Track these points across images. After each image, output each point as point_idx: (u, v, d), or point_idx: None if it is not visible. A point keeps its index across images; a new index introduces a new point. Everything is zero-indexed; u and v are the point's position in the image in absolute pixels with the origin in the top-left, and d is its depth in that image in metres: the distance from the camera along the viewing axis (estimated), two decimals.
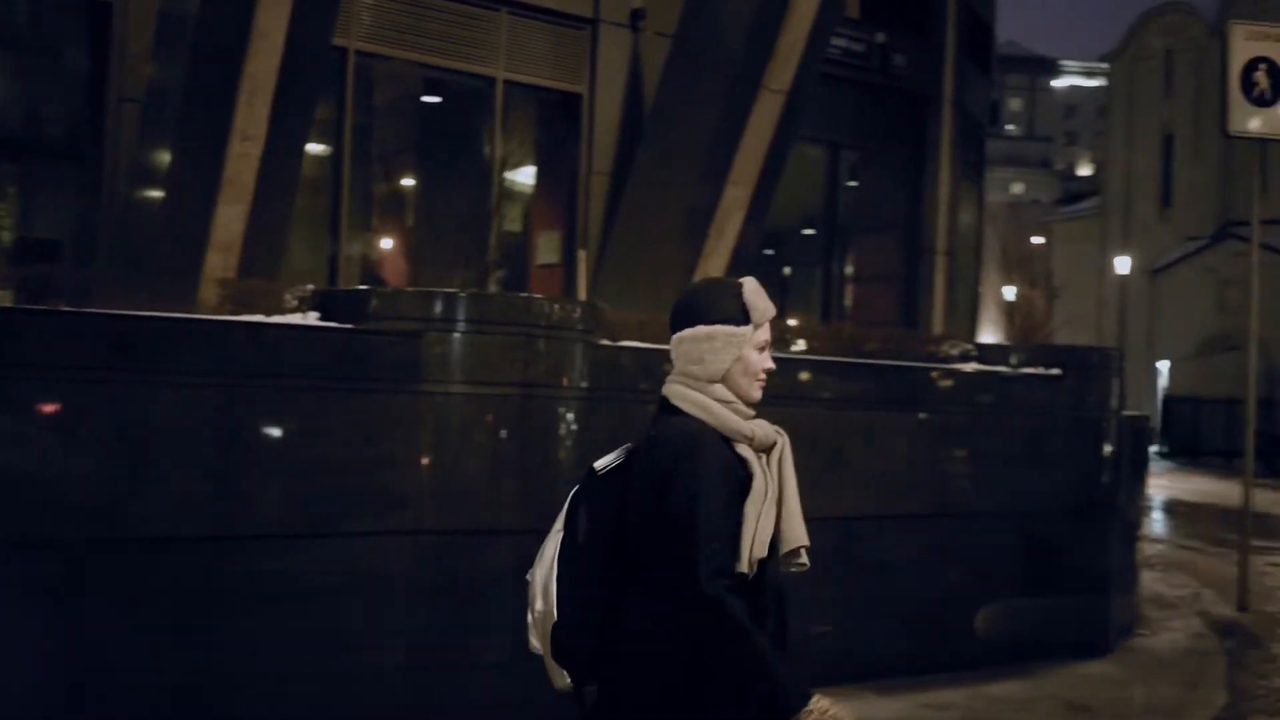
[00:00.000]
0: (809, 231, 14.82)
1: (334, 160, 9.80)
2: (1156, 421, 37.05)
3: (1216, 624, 9.62)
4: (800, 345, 7.42)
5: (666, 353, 6.49)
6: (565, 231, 11.20)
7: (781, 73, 9.76)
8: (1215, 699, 7.19)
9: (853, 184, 14.77)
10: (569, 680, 2.72)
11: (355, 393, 5.37)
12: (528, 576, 2.79)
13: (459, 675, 5.50)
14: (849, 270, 14.92)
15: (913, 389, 7.38)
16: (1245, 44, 10.24)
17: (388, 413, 5.45)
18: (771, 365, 2.76)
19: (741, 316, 2.69)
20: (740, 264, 10.21)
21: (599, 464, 2.79)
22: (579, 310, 6.06)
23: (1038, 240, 51.53)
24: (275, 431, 5.24)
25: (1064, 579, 7.97)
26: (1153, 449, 29.48)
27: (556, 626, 2.67)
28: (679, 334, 2.72)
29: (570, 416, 5.84)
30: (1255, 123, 10.29)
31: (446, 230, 11.28)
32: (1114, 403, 8.39)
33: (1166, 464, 33.41)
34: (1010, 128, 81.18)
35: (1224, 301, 40.86)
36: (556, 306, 6.03)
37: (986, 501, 7.65)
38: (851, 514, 7.00)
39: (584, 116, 10.83)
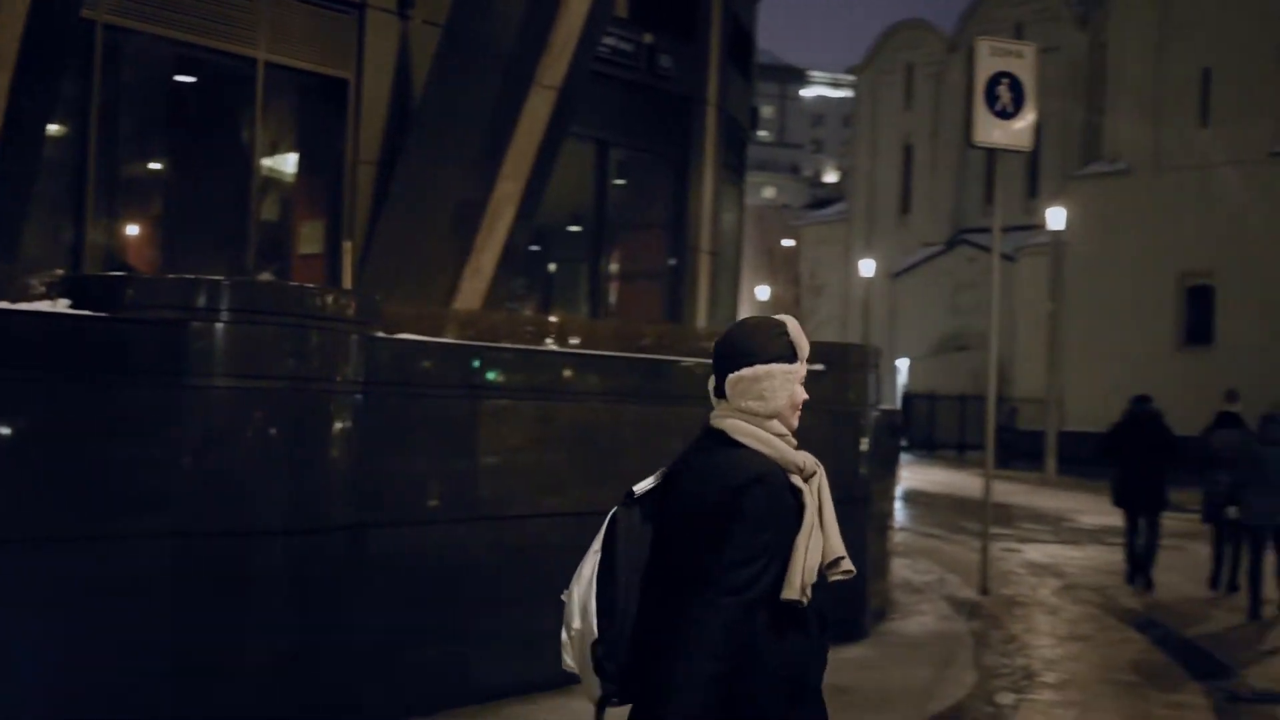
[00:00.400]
0: (575, 228, 14.87)
1: (79, 140, 9.16)
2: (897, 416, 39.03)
3: (962, 607, 10.20)
4: (575, 340, 7.41)
5: (449, 346, 6.39)
6: (329, 221, 10.84)
7: (554, 68, 9.75)
8: (965, 678, 7.61)
9: (620, 182, 14.90)
10: (598, 691, 2.80)
11: (112, 386, 5.03)
12: (563, 596, 2.86)
13: (224, 681, 5.23)
14: (615, 267, 15.05)
15: (684, 383, 7.48)
16: (990, 59, 10.89)
17: (148, 407, 5.13)
18: (806, 396, 2.90)
19: (790, 354, 2.84)
20: (511, 259, 10.15)
21: (637, 488, 2.91)
22: (354, 301, 5.87)
23: (788, 243, 53.56)
24: (19, 427, 4.84)
25: None
26: None
27: (597, 643, 2.76)
28: (738, 373, 2.81)
29: (345, 412, 5.64)
30: (998, 134, 10.95)
31: (202, 218, 10.74)
32: (872, 398, 8.77)
33: (906, 456, 35.23)
34: (762, 134, 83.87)
35: (957, 304, 43.50)
36: (330, 297, 5.82)
37: None
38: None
39: (350, 103, 10.50)
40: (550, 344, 7.00)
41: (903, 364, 45.20)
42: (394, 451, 5.96)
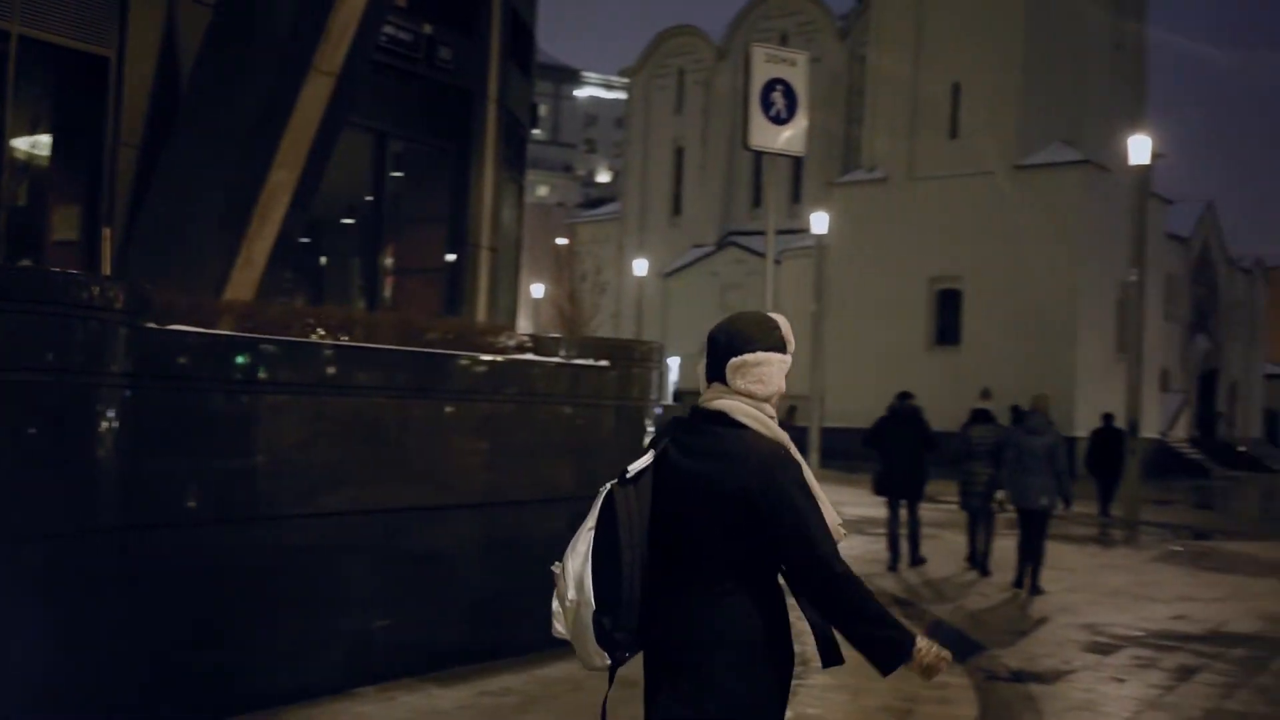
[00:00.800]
0: (349, 220, 14.51)
1: None
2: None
3: None
4: (357, 334, 7.22)
5: (226, 338, 6.09)
6: (87, 207, 10.20)
7: (333, 55, 9.45)
8: None
9: (398, 174, 14.62)
10: (608, 660, 3.02)
11: None
12: (554, 568, 3.07)
13: None
14: (391, 261, 14.75)
15: (470, 379, 7.41)
16: (765, 66, 11.16)
17: None
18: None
19: (784, 346, 3.14)
20: (284, 250, 9.80)
21: (631, 468, 3.11)
22: (122, 291, 5.53)
23: (562, 241, 53.75)
24: None
25: None
26: None
27: (599, 614, 2.98)
28: (741, 358, 3.08)
29: (112, 408, 5.32)
30: (772, 139, 11.27)
31: None
32: (655, 393, 8.89)
33: None
34: (536, 132, 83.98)
35: (725, 303, 44.61)
36: (97, 286, 5.47)
37: (542, 489, 7.82)
38: (412, 504, 6.94)
39: (111, 83, 9.91)
40: (331, 338, 6.79)
41: (674, 362, 46.07)
42: (165, 449, 5.66)
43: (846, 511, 13.57)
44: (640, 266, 41.92)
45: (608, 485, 3.12)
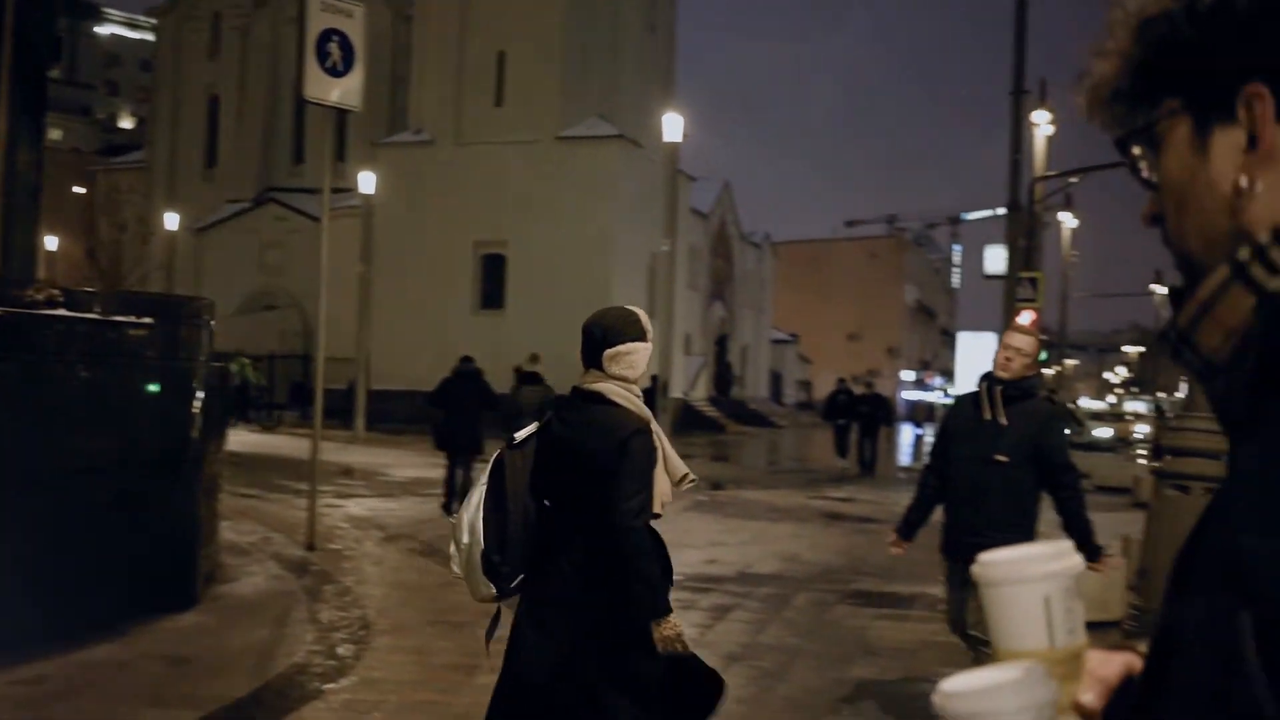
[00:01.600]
0: None
1: None
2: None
3: (291, 565, 10.14)
4: None
5: None
6: None
7: None
8: (305, 635, 7.58)
9: None
10: (494, 590, 3.74)
11: None
12: (450, 518, 3.56)
13: None
14: None
15: None
16: (321, 15, 10.81)
17: None
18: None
19: (645, 335, 3.81)
20: None
21: (517, 436, 3.86)
22: None
23: (79, 190, 49.34)
24: None
25: (153, 533, 7.79)
26: None
27: (487, 551, 3.71)
28: (616, 349, 3.75)
29: None
30: (328, 91, 10.93)
31: None
32: (204, 354, 8.38)
33: None
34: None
35: (265, 262, 42.94)
36: None
37: (72, 458, 7.17)
38: None
39: None
40: None
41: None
42: None
43: (397, 475, 13.71)
44: (171, 220, 39.32)
45: (501, 450, 3.83)
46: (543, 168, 36.71)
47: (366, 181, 30.90)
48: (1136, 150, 1.04)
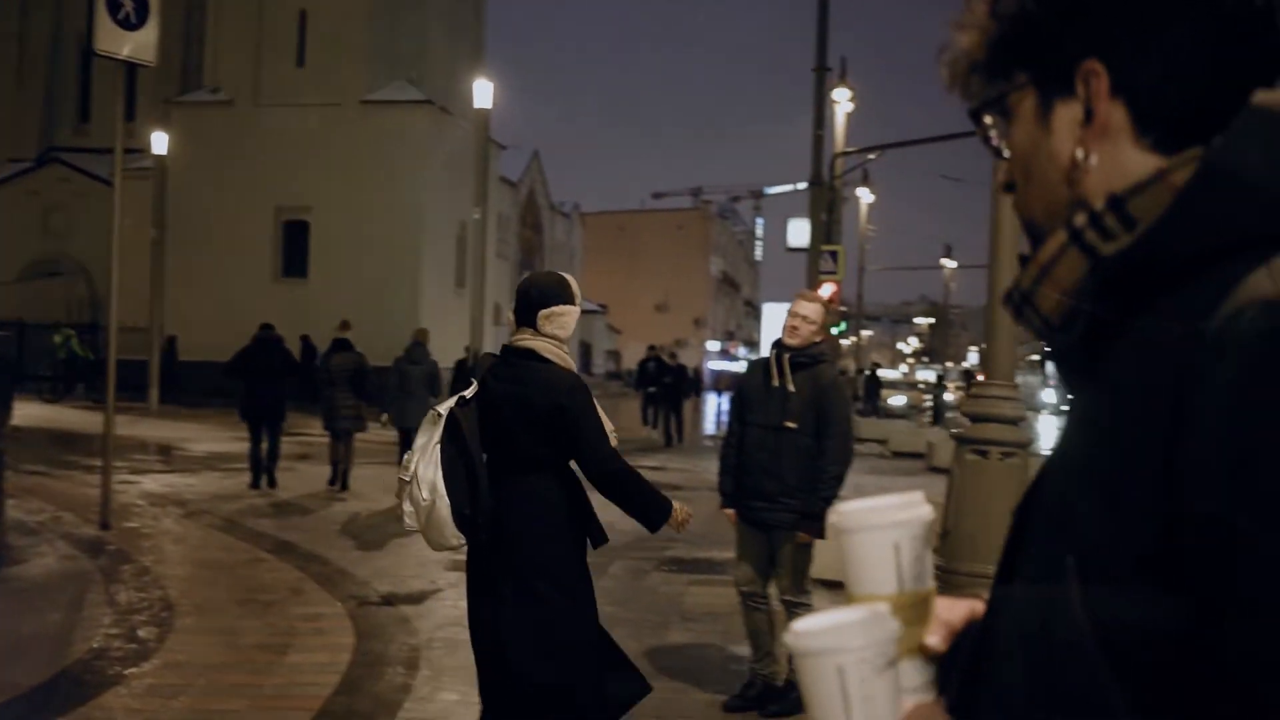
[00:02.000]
0: None
1: None
2: None
3: (85, 545, 9.66)
4: None
5: None
6: None
7: None
8: (103, 617, 7.23)
9: None
10: (462, 540, 4.02)
11: None
12: (402, 476, 4.04)
13: None
14: None
15: None
16: None
17: None
18: None
19: (575, 299, 4.18)
20: None
21: (465, 394, 4.14)
22: None
23: None
24: None
25: None
26: None
27: (459, 506, 3.97)
28: (549, 310, 4.09)
29: None
30: (120, 44, 10.36)
31: None
32: None
33: None
34: None
35: (48, 225, 40.58)
36: None
37: None
38: None
39: None
40: None
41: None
42: None
43: (195, 449, 13.25)
44: None
45: (443, 408, 4.08)
46: (347, 132, 35.70)
47: (159, 142, 29.52)
48: (989, 120, 1.07)
